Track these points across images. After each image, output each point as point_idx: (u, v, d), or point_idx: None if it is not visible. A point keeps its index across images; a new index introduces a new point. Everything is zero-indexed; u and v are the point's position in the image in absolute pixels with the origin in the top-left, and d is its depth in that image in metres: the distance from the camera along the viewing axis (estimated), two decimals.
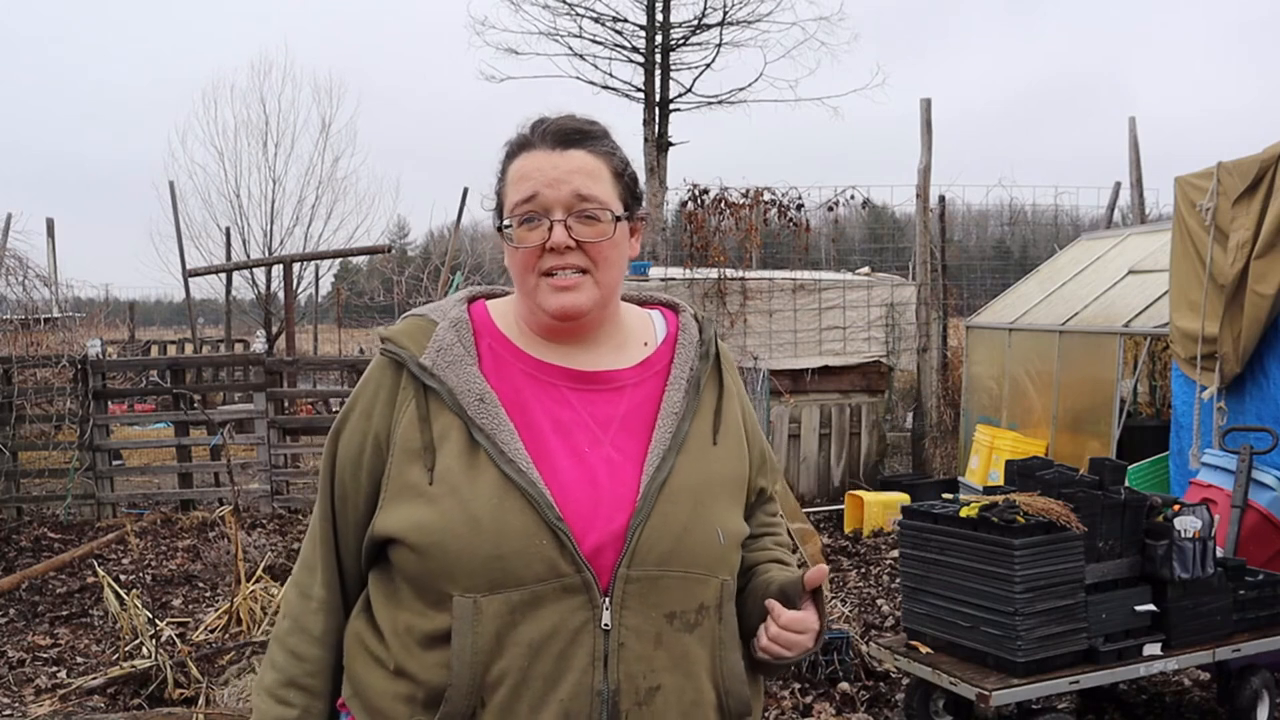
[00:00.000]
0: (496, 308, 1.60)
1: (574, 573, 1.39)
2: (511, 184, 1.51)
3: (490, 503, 1.41)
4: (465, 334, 1.53)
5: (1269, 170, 5.41)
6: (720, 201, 9.80)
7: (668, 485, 1.45)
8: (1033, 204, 14.26)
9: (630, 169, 1.57)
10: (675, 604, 1.44)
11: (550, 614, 1.39)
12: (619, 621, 1.40)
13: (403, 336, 1.54)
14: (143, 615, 4.79)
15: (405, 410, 1.49)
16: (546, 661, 1.39)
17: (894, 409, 11.57)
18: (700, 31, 14.92)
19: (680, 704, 1.44)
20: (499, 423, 1.45)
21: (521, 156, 1.51)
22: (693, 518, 1.46)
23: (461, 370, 1.49)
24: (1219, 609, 4.09)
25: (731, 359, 1.67)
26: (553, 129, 1.50)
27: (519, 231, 1.48)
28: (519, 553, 1.39)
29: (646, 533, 1.42)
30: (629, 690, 1.40)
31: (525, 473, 1.41)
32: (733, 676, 1.50)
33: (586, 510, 1.42)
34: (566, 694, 1.39)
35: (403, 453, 1.47)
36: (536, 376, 1.51)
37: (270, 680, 1.56)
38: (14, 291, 10.19)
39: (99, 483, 8.66)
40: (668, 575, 1.43)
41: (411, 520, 1.44)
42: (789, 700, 4.45)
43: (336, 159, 17.51)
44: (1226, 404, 5.70)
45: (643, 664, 1.42)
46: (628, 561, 1.41)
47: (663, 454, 1.47)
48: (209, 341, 17.71)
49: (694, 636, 1.46)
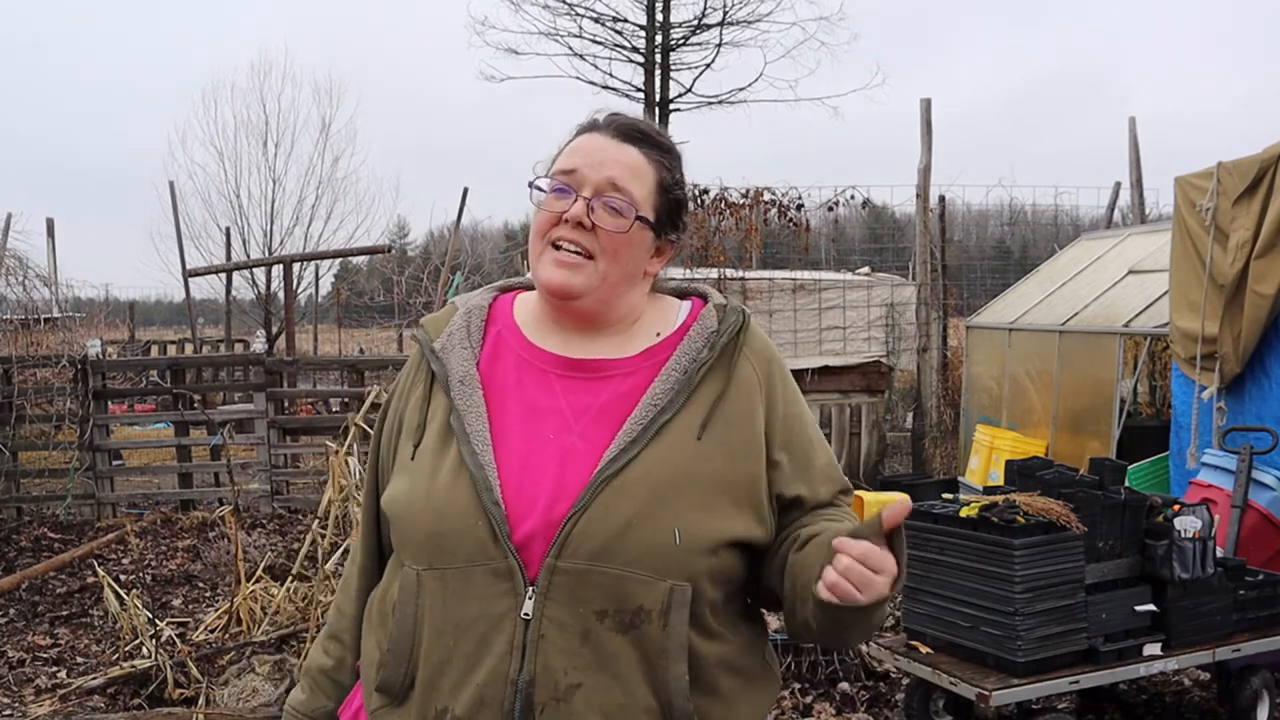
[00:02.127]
0: (524, 299, 1.64)
1: (500, 558, 1.40)
2: (564, 155, 1.55)
3: (445, 481, 1.45)
4: (476, 320, 1.59)
5: (1269, 170, 5.41)
6: (720, 201, 9.81)
7: (620, 478, 1.40)
8: (1033, 204, 14.26)
9: (680, 192, 1.58)
10: (607, 602, 1.38)
11: (477, 597, 1.41)
12: (541, 613, 1.38)
13: (430, 322, 1.63)
14: (143, 615, 4.79)
15: (416, 390, 1.57)
16: (468, 643, 1.41)
17: (894, 409, 11.58)
18: (700, 31, 14.95)
19: (604, 705, 1.38)
20: (471, 404, 1.49)
21: (583, 136, 1.56)
22: (642, 514, 1.39)
23: (458, 354, 1.54)
24: (1219, 609, 4.09)
25: (768, 353, 1.57)
26: (621, 121, 1.56)
27: (548, 197, 1.52)
28: (454, 532, 1.42)
29: (581, 525, 1.38)
30: (545, 683, 1.37)
31: (478, 454, 1.44)
32: (674, 689, 1.40)
33: (528, 497, 1.42)
34: (483, 678, 1.39)
35: (405, 429, 1.56)
36: (529, 362, 1.53)
37: (323, 633, 1.71)
38: (14, 291, 10.18)
39: (99, 483, 8.65)
40: (598, 570, 1.38)
41: (390, 492, 1.54)
42: (789, 700, 4.44)
43: (336, 159, 17.52)
44: (1226, 404, 5.70)
45: (564, 659, 1.38)
46: (555, 552, 1.38)
47: (624, 445, 1.42)
48: (209, 341, 17.70)
49: (627, 639, 1.39)
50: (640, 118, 1.58)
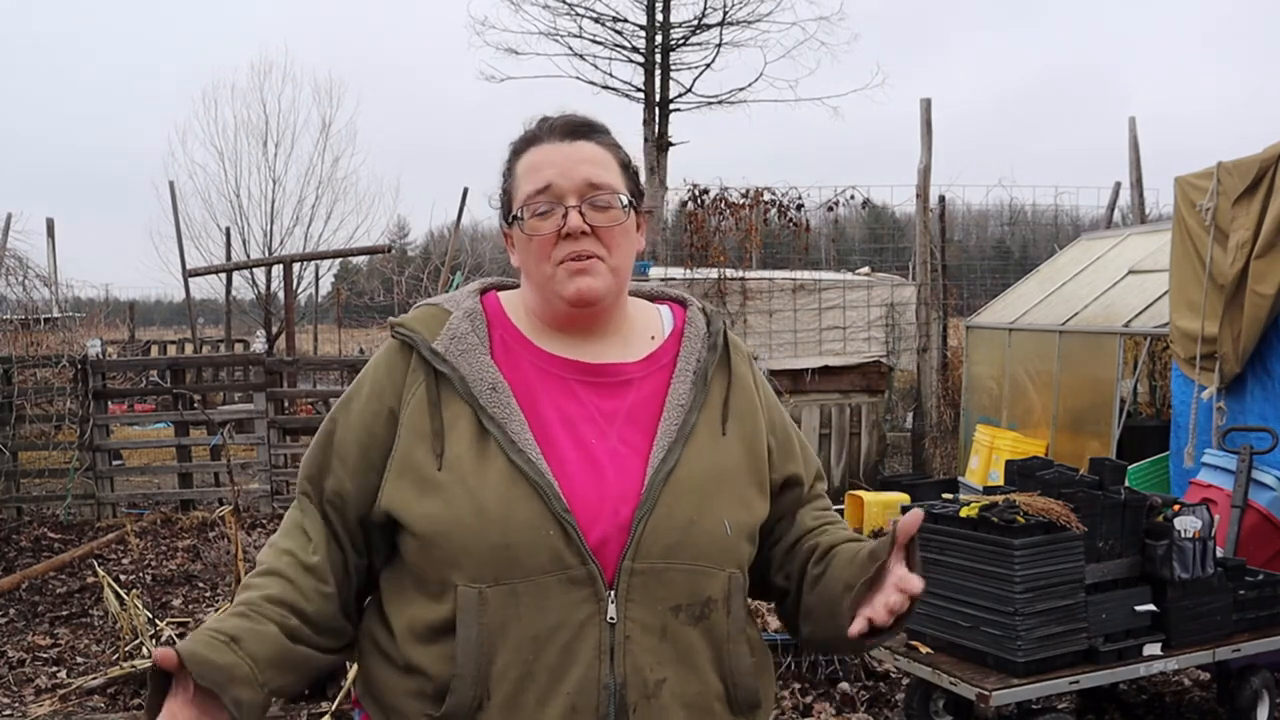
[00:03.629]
0: (508, 299, 1.62)
1: (579, 565, 1.39)
2: (523, 176, 1.53)
3: (498, 492, 1.40)
4: (479, 324, 1.54)
5: (1269, 170, 5.41)
6: (720, 201, 9.82)
7: (673, 477, 1.44)
8: (1033, 204, 14.29)
9: (633, 164, 1.61)
10: (681, 597, 1.43)
11: (555, 606, 1.39)
12: (624, 614, 1.40)
13: (414, 322, 1.55)
14: (143, 615, 4.79)
15: (414, 393, 1.49)
16: (551, 654, 1.39)
17: (894, 409, 11.58)
18: (700, 31, 14.92)
19: (684, 696, 1.43)
20: (510, 412, 1.45)
21: (531, 151, 1.54)
22: (699, 510, 1.45)
23: (475, 358, 1.49)
24: (1219, 609, 4.09)
25: (744, 348, 1.66)
26: (560, 123, 1.54)
27: (532, 222, 1.50)
28: (525, 543, 1.39)
29: (651, 525, 1.42)
30: (636, 683, 1.40)
31: (534, 463, 1.41)
32: (740, 669, 1.49)
33: (593, 502, 1.42)
34: (573, 687, 1.38)
35: (411, 434, 1.47)
36: (545, 369, 1.52)
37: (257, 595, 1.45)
38: (14, 291, 10.20)
39: (99, 483, 8.65)
40: (673, 568, 1.43)
41: (418, 509, 1.43)
42: (789, 700, 4.44)
43: (336, 159, 17.50)
44: (1227, 404, 5.70)
45: (649, 656, 1.41)
46: (632, 554, 1.41)
47: (668, 446, 1.47)
48: (209, 341, 17.69)
49: (699, 630, 1.45)
50: (570, 112, 1.57)
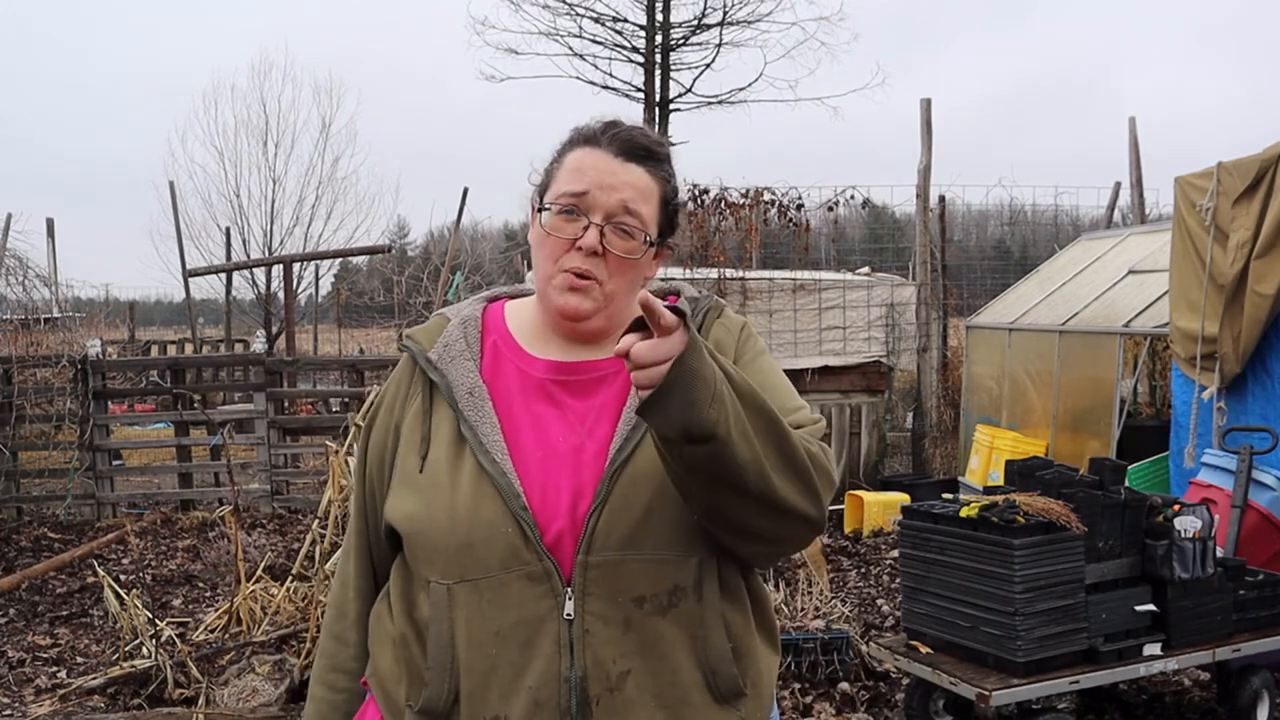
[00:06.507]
0: (513, 307, 1.64)
1: (536, 561, 1.42)
2: (566, 171, 1.53)
3: (466, 492, 1.45)
4: (472, 331, 1.59)
5: (1269, 170, 5.41)
6: (720, 201, 9.81)
7: (628, 468, 1.44)
8: (1033, 204, 14.27)
9: (678, 200, 1.60)
10: (644, 587, 1.43)
11: (515, 602, 1.42)
12: (582, 608, 1.41)
13: (420, 333, 1.62)
14: (143, 615, 4.79)
15: (413, 402, 1.56)
16: (513, 649, 1.42)
17: (894, 409, 11.56)
18: (700, 31, 14.94)
19: (654, 687, 1.43)
20: (483, 415, 1.50)
21: (584, 149, 1.53)
22: (659, 497, 1.43)
23: (460, 365, 1.55)
24: (1219, 609, 4.09)
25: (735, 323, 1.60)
26: (623, 136, 1.53)
27: (556, 219, 1.51)
28: (485, 541, 1.43)
29: (605, 518, 1.42)
30: (598, 676, 1.41)
31: (498, 463, 1.45)
32: (717, 656, 1.46)
33: (552, 499, 1.45)
34: (535, 681, 1.41)
35: (405, 442, 1.54)
36: (526, 372, 1.55)
37: (320, 666, 1.65)
38: (14, 291, 10.21)
39: (99, 483, 8.66)
40: (631, 559, 1.42)
41: (402, 509, 1.51)
42: (789, 700, 4.44)
43: (336, 159, 17.52)
44: (1228, 404, 5.70)
45: (611, 649, 1.42)
46: (585, 548, 1.42)
47: (626, 435, 1.46)
48: (209, 341, 17.69)
49: (668, 619, 1.44)
50: (639, 128, 1.56)
